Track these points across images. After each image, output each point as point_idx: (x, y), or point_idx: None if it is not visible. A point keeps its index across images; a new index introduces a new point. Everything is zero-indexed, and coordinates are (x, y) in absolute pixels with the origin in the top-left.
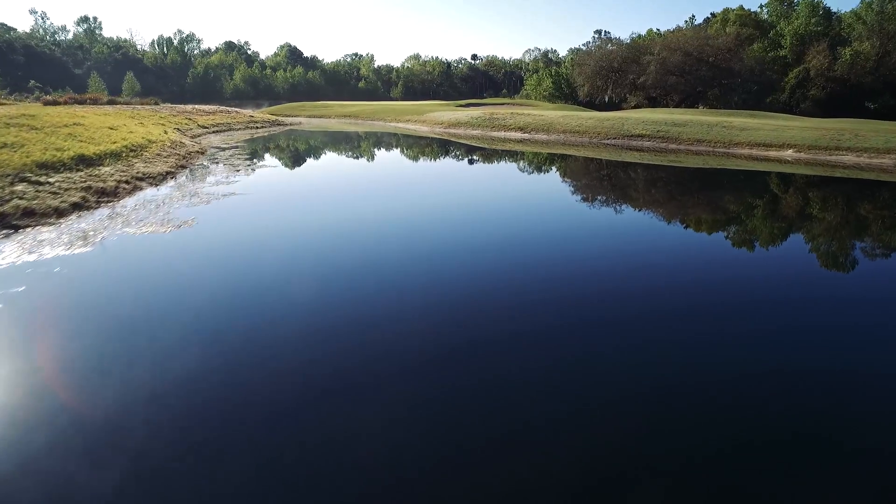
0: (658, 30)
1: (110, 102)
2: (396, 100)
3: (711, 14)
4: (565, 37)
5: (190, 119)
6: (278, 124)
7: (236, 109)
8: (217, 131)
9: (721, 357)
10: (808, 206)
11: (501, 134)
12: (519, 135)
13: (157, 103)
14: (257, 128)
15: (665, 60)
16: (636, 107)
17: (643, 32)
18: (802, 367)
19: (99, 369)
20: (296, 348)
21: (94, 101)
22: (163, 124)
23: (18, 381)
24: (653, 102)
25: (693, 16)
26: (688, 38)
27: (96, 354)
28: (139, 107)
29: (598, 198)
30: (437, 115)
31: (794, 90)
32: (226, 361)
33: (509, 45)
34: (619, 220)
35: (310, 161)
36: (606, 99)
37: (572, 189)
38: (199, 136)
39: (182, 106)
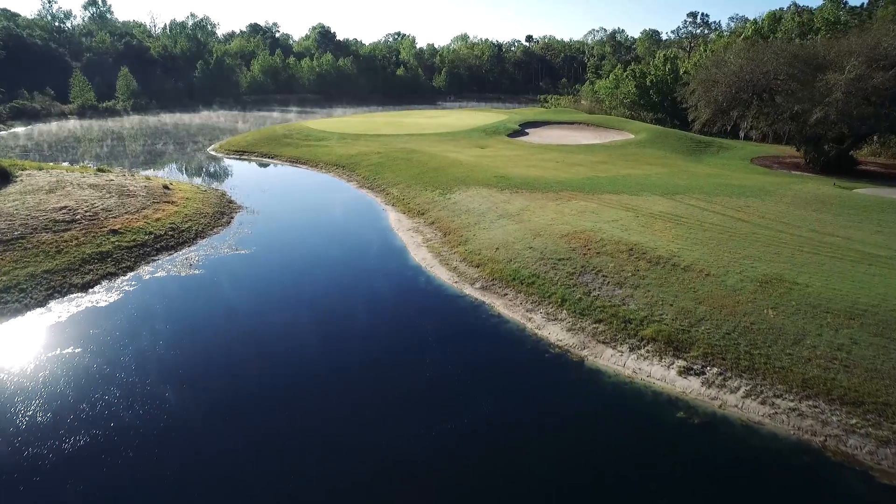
0: (794, 3)
1: None
2: (439, 90)
3: None
4: (637, 14)
5: None
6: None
7: (73, 229)
8: None
9: None
10: None
11: (621, 358)
12: (672, 374)
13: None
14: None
15: (861, 79)
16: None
17: (748, 16)
18: None
19: None
20: None
21: None
22: None
23: None
24: (812, 144)
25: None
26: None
27: None
28: None
29: None
30: (474, 217)
31: None
32: None
33: (568, 25)
34: None
35: None
36: (742, 135)
37: None
38: None
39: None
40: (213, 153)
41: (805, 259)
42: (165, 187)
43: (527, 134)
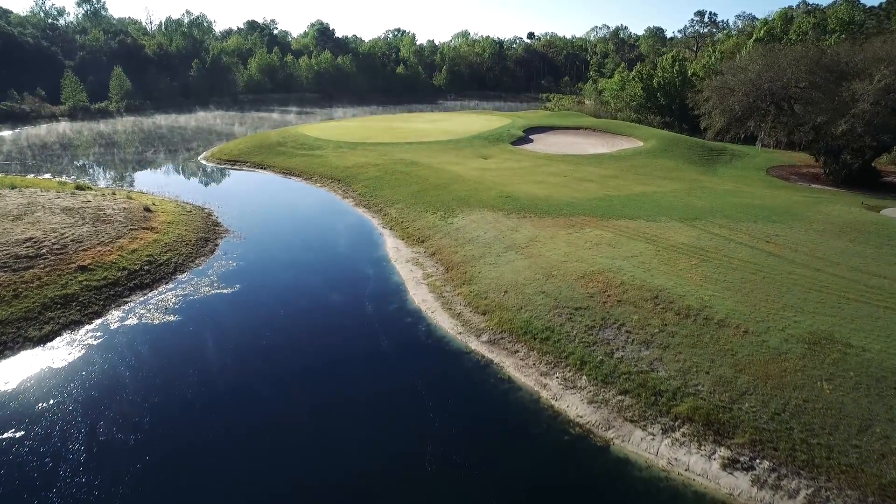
0: (804, 2)
1: None
2: (439, 89)
3: None
4: (641, 12)
5: None
6: None
7: None
8: None
9: None
10: None
11: (653, 443)
12: (715, 467)
13: None
14: None
15: (890, 89)
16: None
17: (755, 14)
18: None
19: None
20: None
21: None
22: None
23: None
24: (832, 156)
25: None
26: None
27: None
28: None
29: None
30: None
31: None
32: None
33: (571, 22)
34: None
35: None
36: (759, 145)
37: None
38: None
39: None
40: (203, 162)
41: (854, 310)
42: (146, 209)
43: (531, 141)
